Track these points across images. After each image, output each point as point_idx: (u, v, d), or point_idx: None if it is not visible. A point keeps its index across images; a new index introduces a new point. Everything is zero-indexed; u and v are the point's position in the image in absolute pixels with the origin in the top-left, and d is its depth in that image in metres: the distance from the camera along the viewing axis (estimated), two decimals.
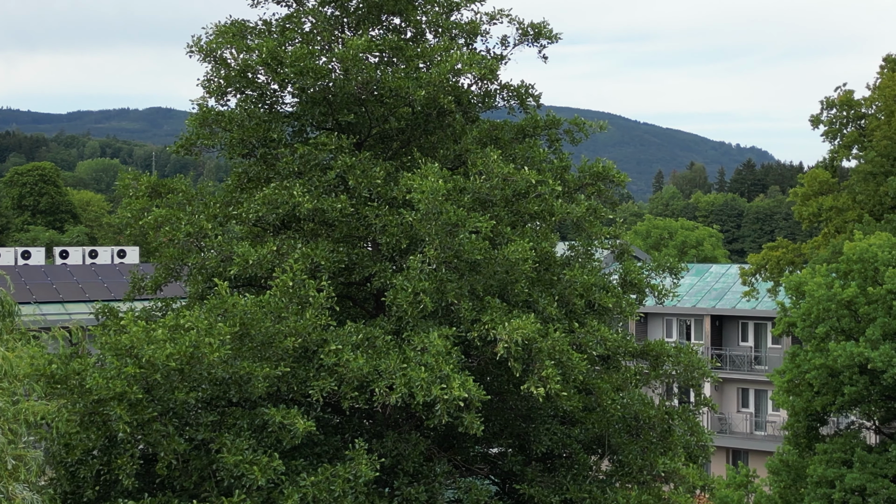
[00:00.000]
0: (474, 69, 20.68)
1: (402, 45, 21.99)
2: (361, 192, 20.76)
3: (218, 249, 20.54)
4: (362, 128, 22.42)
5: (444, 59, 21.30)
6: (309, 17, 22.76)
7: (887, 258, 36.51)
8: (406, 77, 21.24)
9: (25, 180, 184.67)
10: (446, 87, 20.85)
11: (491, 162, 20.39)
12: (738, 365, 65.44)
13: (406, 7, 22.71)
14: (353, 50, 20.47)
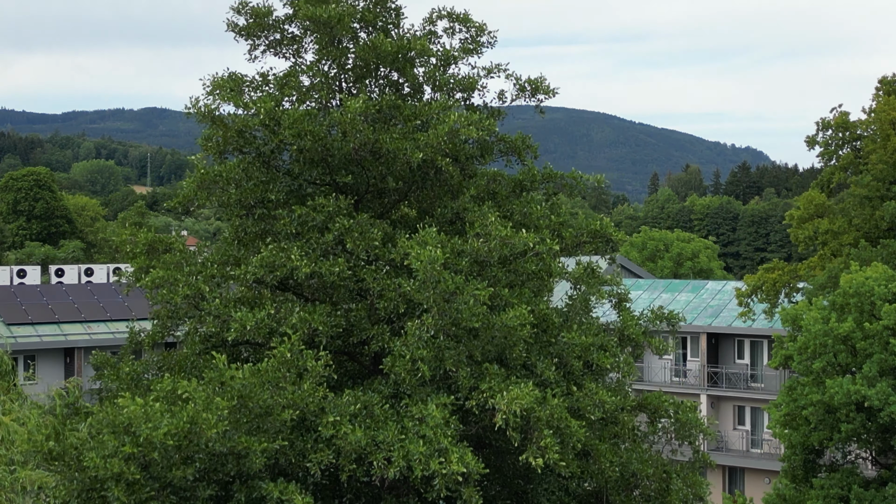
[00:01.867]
0: (472, 132, 20.63)
1: (400, 104, 21.95)
2: (359, 255, 20.74)
3: (216, 313, 20.50)
4: (360, 187, 22.39)
5: (442, 118, 21.27)
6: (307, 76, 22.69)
7: (883, 293, 36.52)
8: (403, 138, 21.22)
9: (20, 185, 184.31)
10: (444, 148, 20.82)
11: (489, 223, 20.36)
12: (734, 383, 65.49)
13: (403, 65, 22.67)
14: (350, 113, 20.43)
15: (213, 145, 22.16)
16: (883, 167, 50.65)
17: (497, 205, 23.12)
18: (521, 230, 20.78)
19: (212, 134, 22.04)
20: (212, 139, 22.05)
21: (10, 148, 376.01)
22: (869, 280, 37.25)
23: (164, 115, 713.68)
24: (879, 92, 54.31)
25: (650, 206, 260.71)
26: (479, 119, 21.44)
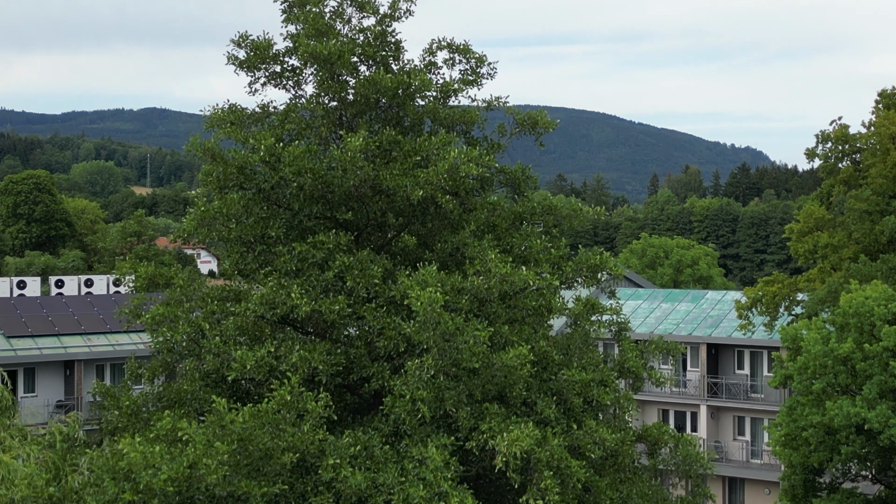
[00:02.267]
0: (472, 168, 20.64)
1: (400, 139, 21.96)
2: (359, 292, 20.74)
3: (216, 351, 20.50)
4: (360, 221, 22.39)
5: (442, 154, 21.27)
6: (307, 110, 22.68)
7: (883, 313, 36.53)
8: (404, 174, 21.22)
9: (20, 188, 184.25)
10: (444, 185, 20.82)
11: (489, 261, 20.36)
12: (734, 393, 65.45)
13: (403, 100, 22.67)
14: (350, 151, 20.44)
15: (214, 180, 22.14)
16: (882, 181, 50.66)
17: (497, 237, 23.12)
18: (521, 267, 20.76)
19: (212, 169, 22.03)
20: (212, 174, 22.02)
21: (10, 149, 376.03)
22: (868, 300, 37.26)
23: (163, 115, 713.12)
24: (879, 105, 54.32)
25: (650, 207, 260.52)
26: (478, 155, 21.44)
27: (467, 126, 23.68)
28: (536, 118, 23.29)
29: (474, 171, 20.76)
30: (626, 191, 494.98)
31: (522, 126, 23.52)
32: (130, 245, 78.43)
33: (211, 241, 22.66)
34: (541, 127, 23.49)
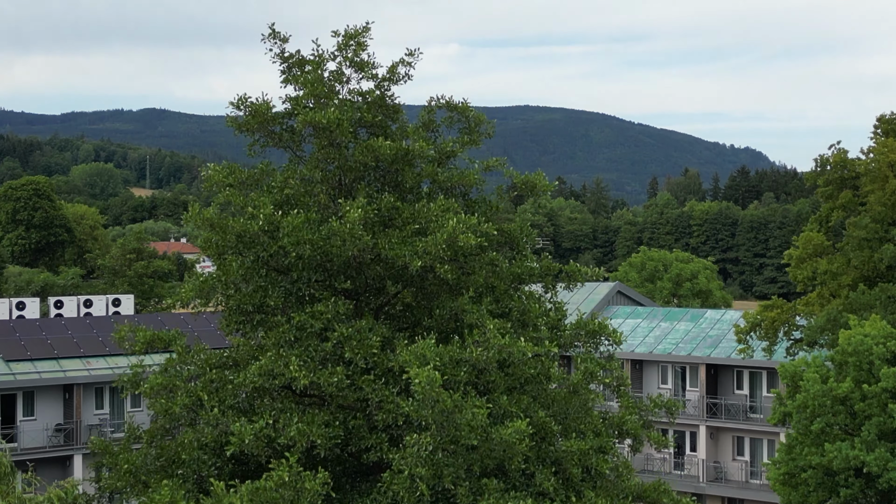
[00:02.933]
0: (470, 239, 20.65)
1: (399, 206, 21.98)
2: (358, 363, 20.77)
3: (214, 423, 20.52)
4: (359, 288, 22.41)
5: (441, 222, 21.28)
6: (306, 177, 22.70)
7: (882, 352, 36.58)
8: (402, 242, 21.24)
9: (19, 195, 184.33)
10: (443, 256, 20.84)
11: (488, 332, 20.39)
12: (733, 414, 65.51)
13: (402, 166, 22.69)
14: (349, 223, 20.46)
15: (213, 247, 22.17)
16: (881, 209, 50.70)
17: (496, 299, 23.13)
18: (519, 337, 20.77)
19: (211, 237, 22.04)
20: (211, 241, 22.05)
21: (10, 150, 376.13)
22: (867, 338, 37.31)
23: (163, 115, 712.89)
24: (878, 130, 54.35)
25: (649, 211, 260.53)
26: (477, 222, 21.44)
27: (466, 188, 23.69)
28: (535, 181, 23.31)
29: (473, 241, 20.75)
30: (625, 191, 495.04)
31: (520, 189, 23.53)
32: (130, 262, 78.55)
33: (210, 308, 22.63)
34: (539, 191, 23.46)
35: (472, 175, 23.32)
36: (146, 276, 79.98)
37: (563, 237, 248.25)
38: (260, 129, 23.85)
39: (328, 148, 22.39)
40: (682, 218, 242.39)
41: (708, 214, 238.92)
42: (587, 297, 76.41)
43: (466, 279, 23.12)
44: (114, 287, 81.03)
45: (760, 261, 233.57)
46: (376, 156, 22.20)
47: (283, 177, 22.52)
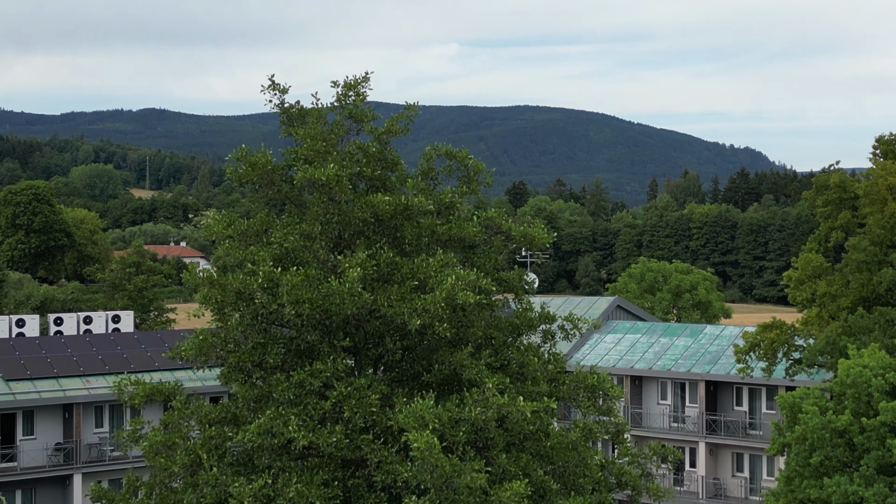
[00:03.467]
0: (469, 297, 20.69)
1: (398, 261, 22.03)
2: (357, 422, 20.82)
3: (213, 483, 20.57)
4: (358, 344, 22.47)
5: (439, 279, 21.32)
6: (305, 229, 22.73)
7: (880, 384, 36.63)
8: (402, 299, 21.28)
9: (19, 199, 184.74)
10: (442, 315, 20.89)
11: (486, 391, 20.44)
12: (732, 430, 65.60)
13: (402, 221, 22.74)
14: (349, 283, 20.51)
15: (213, 302, 22.21)
16: (880, 232, 50.76)
17: (495, 350, 23.19)
18: (518, 395, 20.82)
19: (211, 294, 22.09)
20: (210, 297, 22.09)
21: (9, 151, 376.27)
22: (866, 370, 37.35)
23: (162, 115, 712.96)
24: (877, 151, 54.43)
25: (649, 213, 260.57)
26: (476, 278, 21.49)
27: (465, 241, 23.73)
28: (533, 234, 23.36)
29: (472, 299, 20.79)
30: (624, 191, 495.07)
31: (519, 242, 23.58)
32: (129, 276, 78.67)
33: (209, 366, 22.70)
34: (538, 247, 23.51)
35: (471, 228, 23.35)
36: (146, 289, 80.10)
37: (563, 240, 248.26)
38: (259, 181, 23.89)
39: (327, 203, 22.43)
40: (682, 221, 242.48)
41: (708, 217, 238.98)
42: (587, 311, 76.51)
43: (465, 331, 23.17)
44: (113, 301, 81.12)
45: (760, 264, 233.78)
46: (375, 211, 22.25)
47: (282, 233, 22.54)
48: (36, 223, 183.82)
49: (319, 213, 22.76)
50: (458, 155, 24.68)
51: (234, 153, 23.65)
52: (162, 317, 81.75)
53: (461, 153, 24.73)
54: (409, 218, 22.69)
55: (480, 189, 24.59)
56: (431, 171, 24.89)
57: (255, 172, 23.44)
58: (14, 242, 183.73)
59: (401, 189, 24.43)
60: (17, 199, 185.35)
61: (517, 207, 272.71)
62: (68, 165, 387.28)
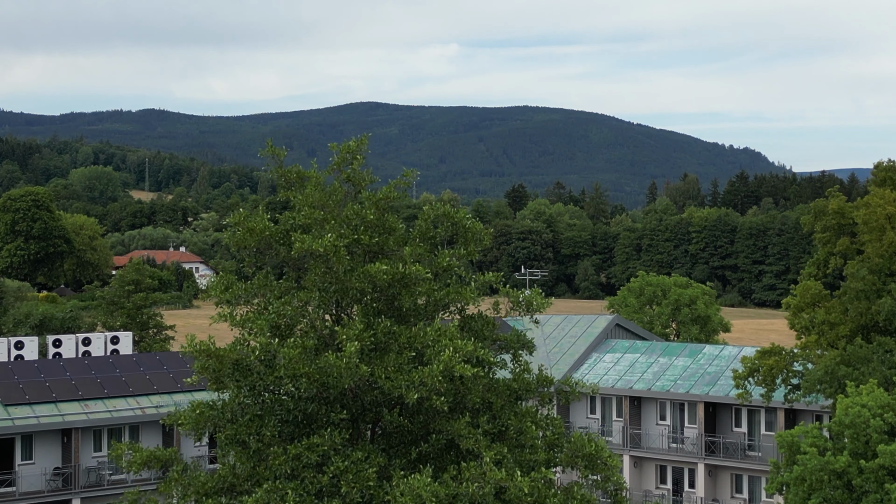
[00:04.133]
0: (467, 370, 20.69)
1: (395, 330, 22.01)
2: (354, 497, 20.82)
3: None
4: (355, 415, 22.46)
5: (436, 349, 21.30)
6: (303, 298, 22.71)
7: (879, 425, 36.64)
8: (398, 370, 21.27)
9: (18, 205, 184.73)
10: (439, 388, 20.89)
11: (484, 465, 20.44)
12: (731, 452, 65.64)
13: (399, 290, 22.72)
14: (346, 358, 20.50)
15: (210, 372, 22.21)
16: (879, 261, 50.75)
17: (493, 416, 23.18)
18: (516, 469, 20.81)
19: (207, 364, 22.08)
20: (208, 367, 22.08)
21: (9, 153, 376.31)
22: (864, 410, 37.37)
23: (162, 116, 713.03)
24: (875, 179, 54.42)
25: (649, 217, 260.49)
26: (473, 349, 21.49)
27: (462, 305, 23.73)
28: (531, 300, 23.37)
29: (469, 373, 20.80)
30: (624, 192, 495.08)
31: (518, 307, 23.58)
32: (129, 293, 78.72)
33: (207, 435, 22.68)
34: (535, 310, 23.53)
35: (468, 294, 23.35)
36: (144, 307, 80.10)
37: (562, 243, 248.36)
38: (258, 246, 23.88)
39: (325, 272, 22.44)
40: (681, 225, 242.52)
41: (707, 221, 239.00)
42: (585, 330, 76.57)
43: (463, 398, 23.17)
44: (112, 318, 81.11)
45: (759, 268, 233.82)
46: (373, 281, 22.25)
47: (279, 304, 22.52)
48: (35, 230, 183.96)
49: (317, 281, 22.74)
50: (456, 216, 24.66)
51: (231, 218, 23.63)
52: (161, 334, 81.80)
53: (459, 213, 24.72)
54: (407, 286, 22.67)
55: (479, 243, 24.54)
56: (430, 233, 24.85)
57: (253, 238, 23.43)
58: (13, 249, 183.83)
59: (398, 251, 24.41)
60: (16, 205, 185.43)
61: (517, 211, 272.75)
62: (68, 167, 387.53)
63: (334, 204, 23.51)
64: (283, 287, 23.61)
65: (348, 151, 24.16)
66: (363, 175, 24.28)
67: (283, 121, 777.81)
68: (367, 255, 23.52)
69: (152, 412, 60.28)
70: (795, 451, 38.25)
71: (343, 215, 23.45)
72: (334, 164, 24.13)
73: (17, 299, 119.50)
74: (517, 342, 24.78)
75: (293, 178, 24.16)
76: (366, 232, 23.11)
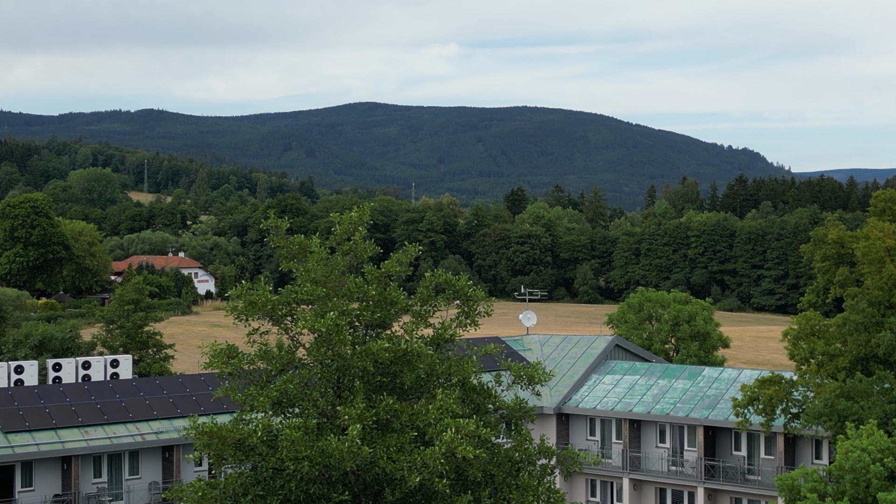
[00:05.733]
0: (469, 452, 20.74)
1: (397, 408, 22.06)
2: None
3: None
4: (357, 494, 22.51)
5: (439, 428, 21.35)
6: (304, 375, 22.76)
7: (879, 471, 36.71)
8: (400, 451, 21.31)
9: (17, 212, 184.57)
10: (441, 470, 20.94)
11: None
12: (730, 476, 65.64)
13: (401, 367, 22.77)
14: (348, 442, 20.54)
15: (211, 450, 22.24)
16: (878, 293, 50.82)
17: (495, 489, 23.23)
18: None
19: (210, 443, 22.11)
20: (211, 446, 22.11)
21: (7, 155, 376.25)
22: (864, 454, 37.44)
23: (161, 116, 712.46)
24: (875, 210, 54.50)
25: (648, 221, 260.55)
26: (476, 428, 21.53)
27: (464, 377, 23.78)
28: (532, 373, 23.43)
29: (471, 454, 20.85)
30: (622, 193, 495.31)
31: (519, 379, 23.64)
32: (128, 313, 78.75)
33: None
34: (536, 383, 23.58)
35: (469, 367, 23.39)
36: (143, 326, 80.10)
37: (561, 247, 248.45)
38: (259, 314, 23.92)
39: (326, 351, 22.48)
40: (680, 229, 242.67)
41: (706, 226, 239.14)
42: (585, 350, 76.54)
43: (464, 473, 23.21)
44: (112, 336, 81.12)
45: (758, 272, 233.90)
46: (375, 359, 22.30)
47: (282, 381, 22.56)
48: (34, 236, 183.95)
49: (319, 358, 22.79)
50: (457, 284, 24.71)
51: (233, 291, 23.66)
52: (160, 353, 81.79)
53: (460, 281, 24.77)
54: (409, 362, 22.71)
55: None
56: (431, 299, 24.89)
57: (254, 310, 23.46)
58: (12, 256, 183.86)
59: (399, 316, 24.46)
60: (14, 211, 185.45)
61: (515, 214, 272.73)
62: (66, 169, 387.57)
63: (336, 277, 23.53)
64: (284, 359, 23.65)
65: (350, 223, 24.19)
66: (365, 247, 24.32)
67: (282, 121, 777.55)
68: (368, 328, 23.56)
69: (152, 438, 60.34)
70: (796, 496, 38.31)
71: (345, 289, 23.48)
72: (336, 235, 24.15)
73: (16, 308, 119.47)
74: (518, 411, 24.81)
75: (295, 250, 24.19)
76: (367, 308, 23.15)
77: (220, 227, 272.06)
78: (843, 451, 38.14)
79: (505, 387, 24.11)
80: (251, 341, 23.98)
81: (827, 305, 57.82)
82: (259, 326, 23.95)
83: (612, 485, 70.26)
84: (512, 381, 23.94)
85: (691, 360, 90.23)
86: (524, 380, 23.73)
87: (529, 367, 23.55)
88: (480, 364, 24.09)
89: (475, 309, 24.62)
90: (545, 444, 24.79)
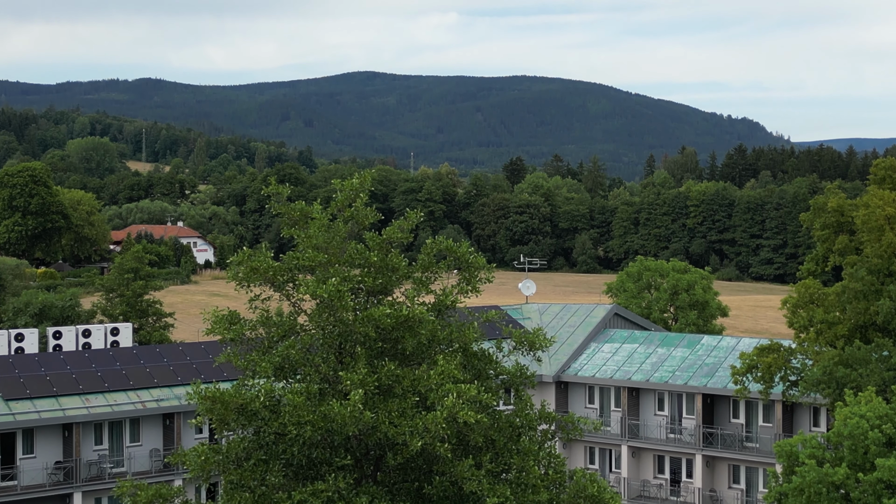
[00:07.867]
0: (470, 416, 20.84)
1: (399, 374, 22.13)
2: None
3: None
4: (359, 458, 22.62)
5: (440, 393, 21.44)
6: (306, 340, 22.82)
7: (877, 437, 36.89)
8: (402, 416, 21.40)
9: (16, 181, 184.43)
10: (443, 434, 21.04)
11: None
12: (729, 443, 65.96)
13: (403, 333, 22.83)
14: (350, 406, 20.63)
15: (215, 415, 22.33)
16: (878, 261, 50.89)
17: (496, 454, 23.35)
18: None
19: (213, 408, 22.18)
20: (214, 411, 22.19)
21: (5, 124, 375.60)
22: (863, 421, 37.61)
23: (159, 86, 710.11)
24: (875, 178, 54.48)
25: (647, 191, 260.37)
26: (477, 393, 21.62)
27: (465, 344, 23.84)
28: (534, 339, 23.50)
29: (472, 419, 20.94)
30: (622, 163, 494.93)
31: (520, 345, 23.72)
32: (127, 281, 78.83)
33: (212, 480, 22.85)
34: (538, 348, 23.66)
35: (471, 333, 23.46)
36: (143, 295, 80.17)
37: (560, 217, 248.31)
38: (260, 280, 23.98)
39: (328, 316, 22.54)
40: (679, 198, 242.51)
41: (705, 195, 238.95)
42: (584, 319, 76.72)
43: (465, 438, 23.31)
44: (112, 305, 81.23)
45: (757, 242, 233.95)
46: (376, 324, 22.36)
47: (284, 347, 22.63)
48: (32, 205, 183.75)
49: (320, 324, 22.86)
50: (458, 250, 24.73)
51: (235, 256, 23.70)
52: (160, 321, 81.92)
53: (461, 248, 24.78)
54: (410, 328, 22.77)
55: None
56: (432, 266, 24.92)
57: (256, 276, 23.51)
58: (11, 224, 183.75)
59: (400, 283, 24.51)
60: (13, 181, 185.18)
61: (514, 184, 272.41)
62: (64, 138, 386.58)
63: (338, 244, 23.57)
64: (285, 325, 23.72)
65: (352, 189, 24.20)
66: (367, 213, 24.34)
67: (280, 90, 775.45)
68: (370, 295, 23.61)
69: (153, 405, 60.52)
70: (794, 461, 38.51)
71: (346, 255, 23.52)
72: (338, 202, 24.17)
73: (15, 277, 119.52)
74: (519, 377, 24.90)
75: (297, 217, 24.21)
76: (369, 275, 23.21)
77: (219, 196, 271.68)
78: (842, 417, 38.29)
79: (506, 353, 24.17)
80: (252, 307, 24.03)
81: (826, 274, 57.86)
82: (261, 293, 23.98)
83: (611, 452, 70.60)
84: (513, 347, 24.00)
85: (690, 328, 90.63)
86: (525, 346, 23.80)
87: (530, 333, 23.61)
88: (481, 331, 24.15)
89: (476, 275, 24.64)
90: (545, 409, 24.89)
